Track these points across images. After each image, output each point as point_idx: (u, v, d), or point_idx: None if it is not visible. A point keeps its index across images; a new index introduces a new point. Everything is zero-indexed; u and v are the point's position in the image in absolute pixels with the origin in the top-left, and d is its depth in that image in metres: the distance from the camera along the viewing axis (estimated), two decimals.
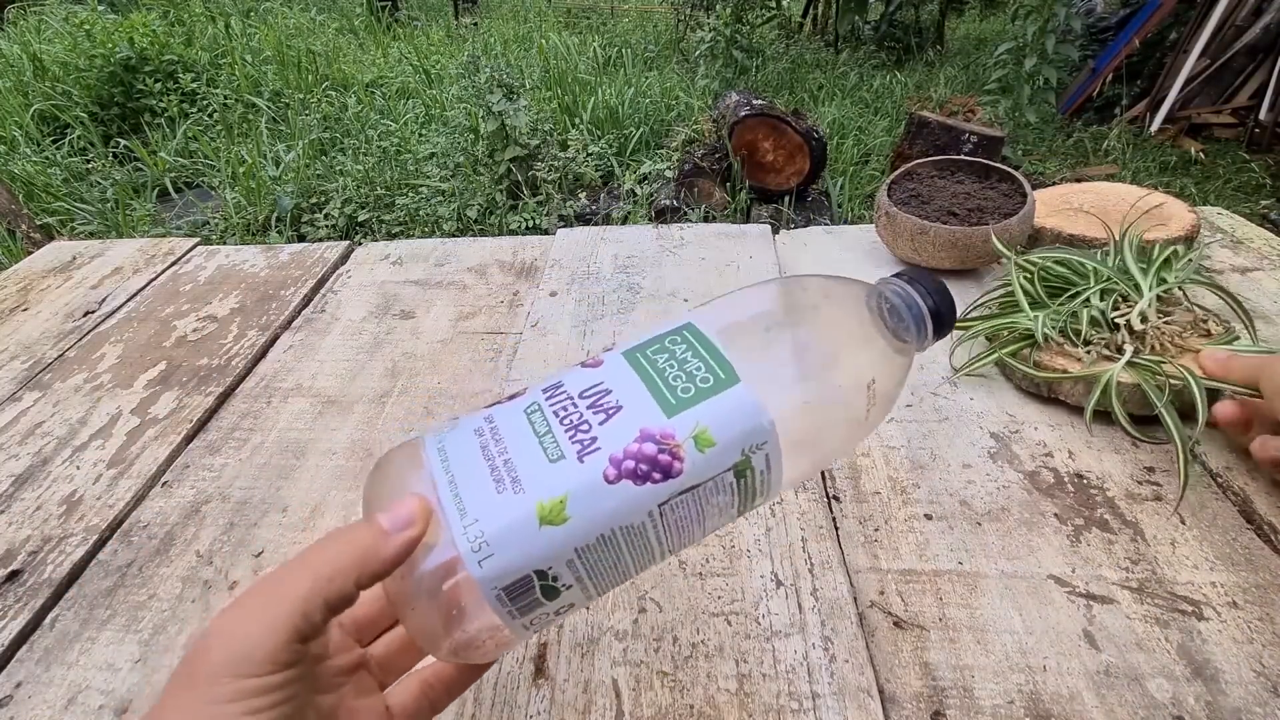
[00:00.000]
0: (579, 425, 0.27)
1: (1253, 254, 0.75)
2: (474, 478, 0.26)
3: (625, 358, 0.30)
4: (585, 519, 0.26)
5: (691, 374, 0.28)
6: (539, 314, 0.71)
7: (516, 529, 0.25)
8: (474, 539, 0.25)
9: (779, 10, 4.42)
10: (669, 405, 0.27)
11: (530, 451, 0.27)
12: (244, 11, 4.51)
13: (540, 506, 0.26)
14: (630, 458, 0.26)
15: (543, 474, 0.26)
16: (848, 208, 2.67)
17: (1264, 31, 3.07)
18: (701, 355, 0.29)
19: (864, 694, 0.37)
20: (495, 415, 0.29)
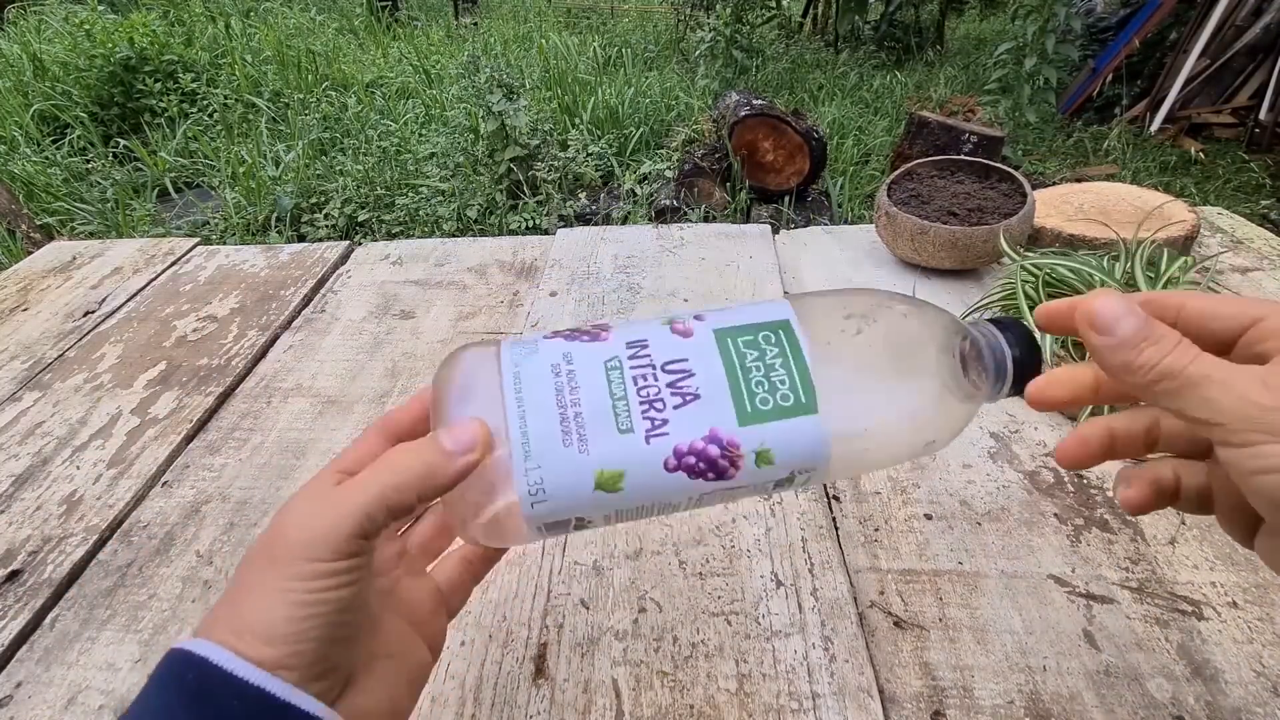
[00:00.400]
0: (654, 401, 0.27)
1: (1253, 254, 0.75)
2: (543, 421, 0.27)
3: (715, 338, 0.29)
4: (635, 492, 0.27)
5: (775, 386, 0.28)
6: (539, 314, 0.71)
7: (573, 487, 0.26)
8: (533, 485, 0.26)
9: (779, 10, 4.42)
10: (744, 414, 0.27)
11: (602, 413, 0.27)
12: (244, 11, 4.51)
13: (599, 474, 0.27)
14: (693, 454, 0.27)
15: (609, 442, 0.27)
16: (848, 208, 2.67)
17: (1264, 31, 3.07)
18: (790, 367, 0.28)
19: (864, 694, 0.37)
20: (574, 355, 0.28)
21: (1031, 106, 2.97)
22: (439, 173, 2.75)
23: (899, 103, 3.59)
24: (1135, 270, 0.57)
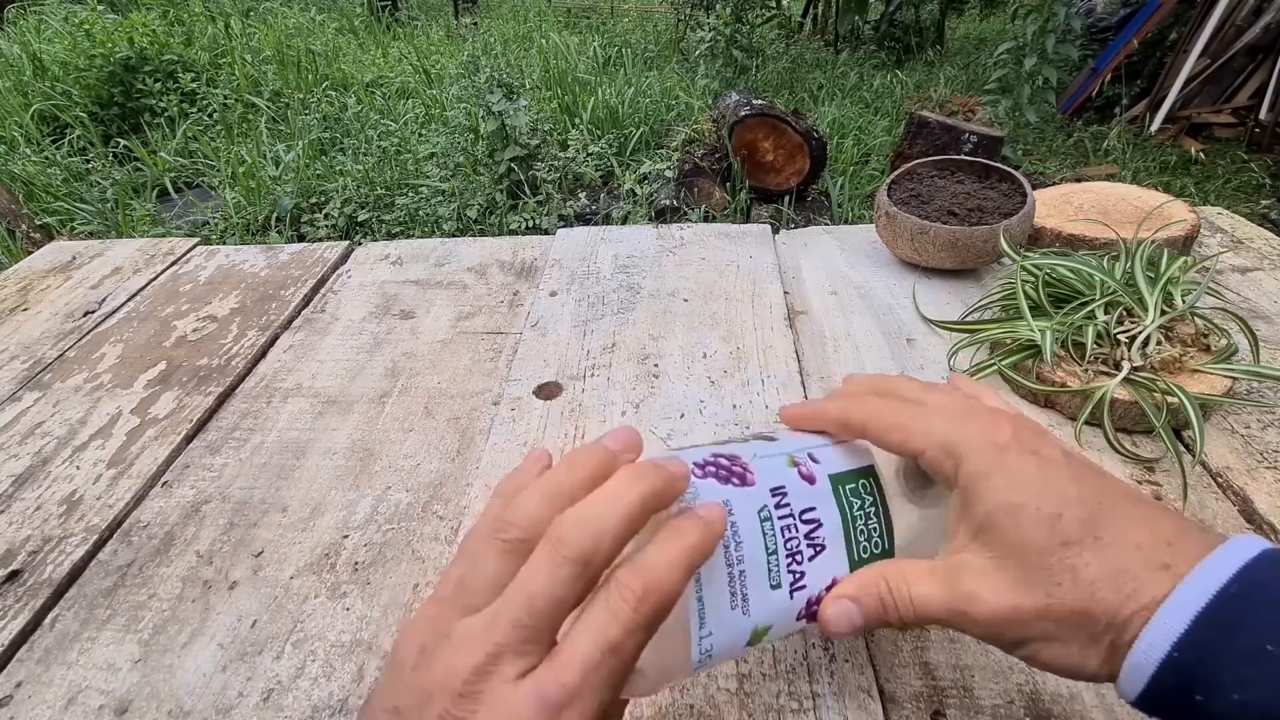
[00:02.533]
0: (795, 554, 0.28)
1: (1253, 254, 0.75)
2: (716, 585, 0.26)
3: (833, 486, 0.30)
4: (771, 639, 0.29)
5: (870, 533, 0.30)
6: (539, 314, 0.71)
7: (732, 647, 0.27)
8: (703, 651, 0.26)
9: (779, 10, 4.42)
10: (853, 561, 0.29)
11: (758, 570, 0.27)
12: (244, 11, 4.51)
13: (755, 632, 0.27)
14: (817, 602, 0.29)
15: (763, 600, 0.27)
16: (848, 208, 2.67)
17: (1264, 31, 3.07)
18: (880, 516, 0.31)
19: (864, 694, 0.37)
20: (734, 504, 0.27)
21: (1031, 106, 2.97)
22: (439, 173, 2.75)
23: (899, 103, 3.59)
24: (1135, 270, 0.57)
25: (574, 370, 0.63)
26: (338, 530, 0.49)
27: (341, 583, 0.46)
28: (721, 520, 0.25)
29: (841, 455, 0.31)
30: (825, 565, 0.29)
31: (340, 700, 0.39)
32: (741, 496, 0.27)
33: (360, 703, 0.39)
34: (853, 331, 0.66)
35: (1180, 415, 0.50)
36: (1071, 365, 0.55)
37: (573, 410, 0.58)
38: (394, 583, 0.45)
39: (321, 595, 0.45)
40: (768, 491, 0.28)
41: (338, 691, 0.39)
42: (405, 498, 0.52)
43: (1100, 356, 0.54)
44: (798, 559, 0.28)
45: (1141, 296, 0.55)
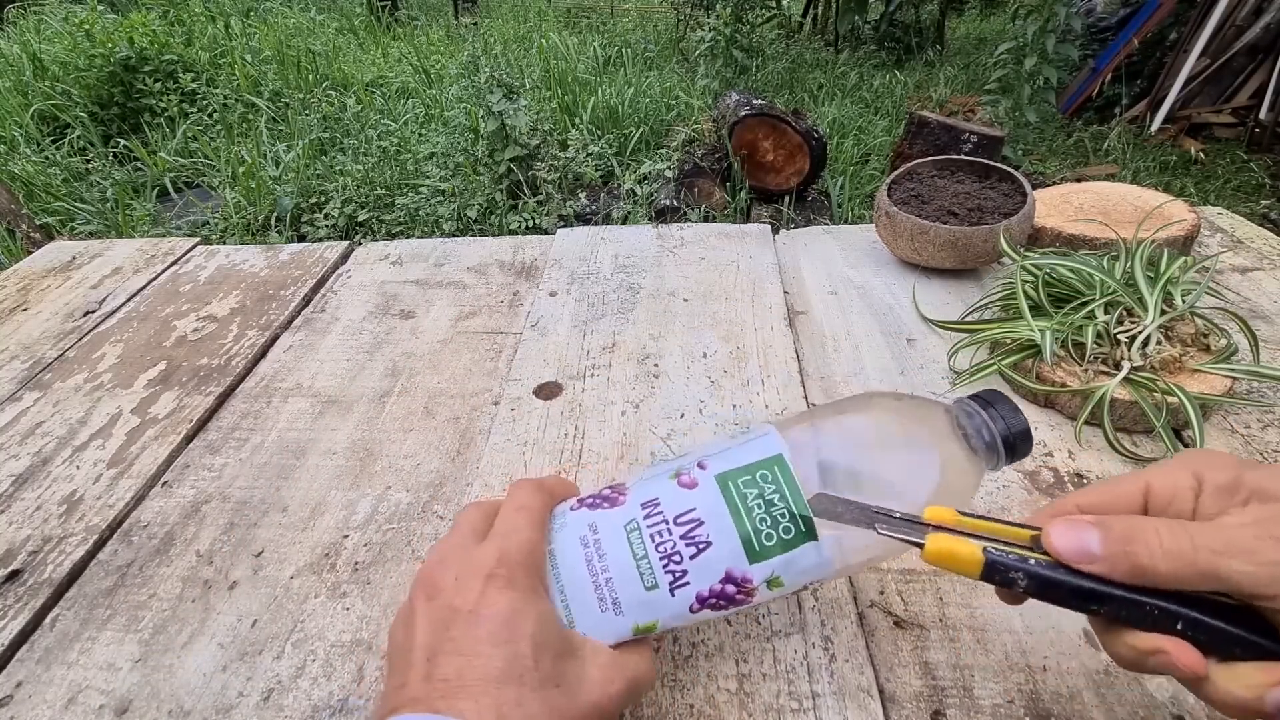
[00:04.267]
0: (672, 555, 0.31)
1: (1253, 254, 0.75)
2: (580, 592, 0.31)
3: (718, 484, 0.32)
4: (667, 629, 0.32)
5: (776, 521, 0.31)
6: (539, 314, 0.71)
7: (617, 638, 0.31)
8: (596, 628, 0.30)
9: (779, 10, 4.42)
10: (753, 553, 0.30)
11: (629, 576, 0.31)
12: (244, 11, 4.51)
13: (636, 628, 0.31)
14: (713, 595, 0.31)
15: (639, 601, 0.31)
16: (848, 207, 2.67)
17: (1264, 31, 3.07)
18: (788, 501, 0.31)
19: (864, 694, 0.37)
20: (599, 524, 0.32)
21: (1031, 106, 2.97)
22: (439, 173, 2.75)
23: (899, 102, 3.59)
24: (1135, 270, 0.57)
25: (574, 370, 0.63)
26: (338, 530, 0.49)
27: (341, 582, 0.46)
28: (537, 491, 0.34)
29: (739, 452, 0.33)
30: (714, 560, 0.30)
31: (340, 700, 0.39)
32: (607, 517, 0.32)
33: (361, 703, 0.39)
34: (853, 331, 0.66)
35: (1180, 415, 0.50)
36: (1071, 365, 0.55)
37: (573, 410, 0.58)
38: (394, 583, 0.45)
39: (321, 595, 0.45)
40: (638, 506, 0.32)
41: (338, 691, 0.39)
42: (405, 498, 0.52)
43: (1100, 356, 0.54)
44: (675, 559, 0.30)
45: (1141, 296, 0.55)
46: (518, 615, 0.28)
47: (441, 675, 0.27)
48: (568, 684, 0.28)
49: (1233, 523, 0.23)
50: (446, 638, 0.28)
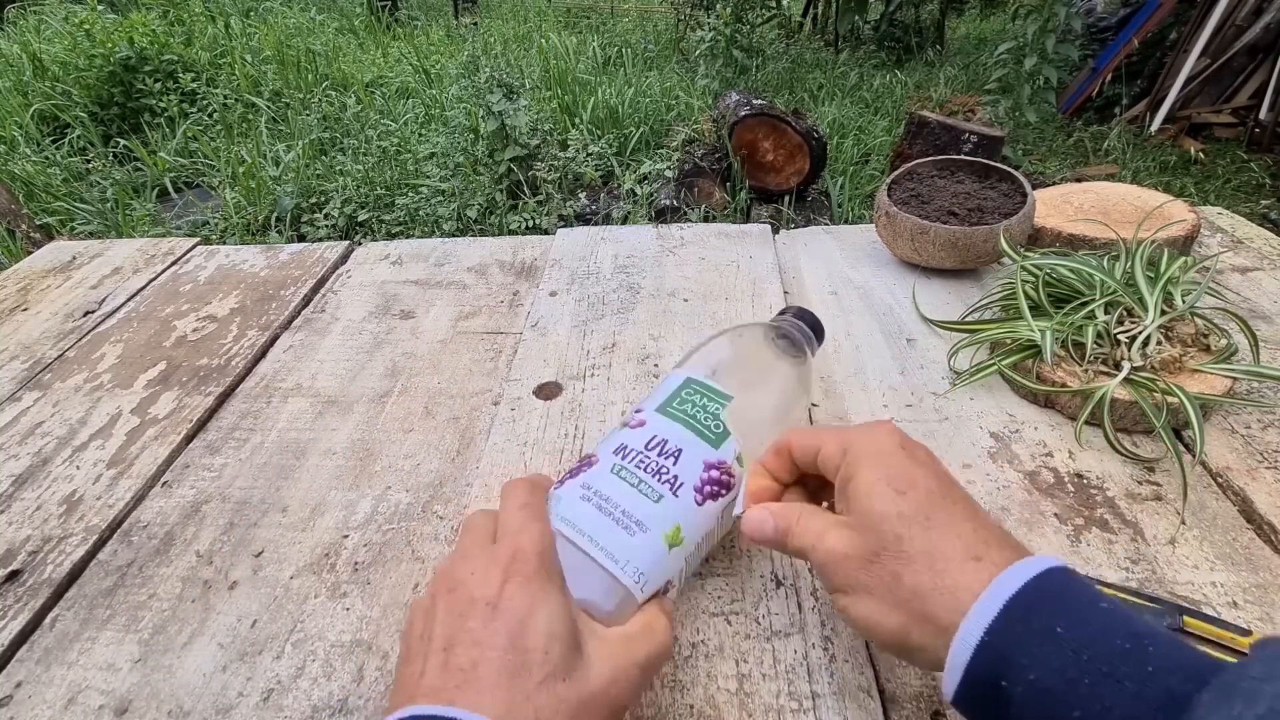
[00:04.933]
0: (659, 470, 0.36)
1: (1253, 254, 0.75)
2: (605, 530, 0.34)
3: (661, 413, 0.39)
4: (691, 535, 0.36)
5: (707, 413, 0.39)
6: (539, 314, 0.71)
7: (656, 556, 0.34)
8: (635, 575, 0.33)
9: (779, 10, 4.42)
10: (712, 440, 0.38)
11: (636, 500, 0.35)
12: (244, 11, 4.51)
13: (665, 536, 0.35)
14: (706, 484, 0.37)
15: (654, 514, 0.35)
16: (848, 207, 2.67)
17: (1264, 31, 3.07)
18: (711, 398, 0.40)
19: (864, 694, 0.37)
20: (589, 482, 0.36)
21: (1031, 106, 2.97)
22: (439, 173, 2.75)
23: (899, 103, 3.59)
24: (1135, 270, 0.57)
25: (574, 370, 0.63)
26: (338, 530, 0.49)
27: (341, 583, 0.46)
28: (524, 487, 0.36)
29: (660, 392, 0.41)
30: (690, 458, 0.37)
31: (340, 700, 0.39)
32: (594, 474, 0.37)
33: (361, 703, 0.39)
34: (853, 331, 0.66)
35: (1180, 415, 0.50)
36: (1071, 365, 0.55)
37: (573, 410, 0.58)
38: (394, 583, 0.45)
39: (321, 595, 0.45)
40: (610, 453, 0.38)
41: (338, 691, 0.39)
42: (405, 498, 0.52)
43: (1100, 356, 0.54)
44: (663, 471, 0.36)
45: (1141, 296, 0.55)
46: (535, 607, 0.29)
47: (458, 664, 0.27)
48: (576, 675, 0.29)
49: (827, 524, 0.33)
50: (464, 628, 0.29)
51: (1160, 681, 0.23)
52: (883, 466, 0.32)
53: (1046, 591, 0.27)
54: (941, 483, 0.32)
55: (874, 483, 0.31)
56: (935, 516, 0.30)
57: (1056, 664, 0.24)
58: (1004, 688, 0.25)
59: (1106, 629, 0.25)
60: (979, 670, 0.26)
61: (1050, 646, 0.25)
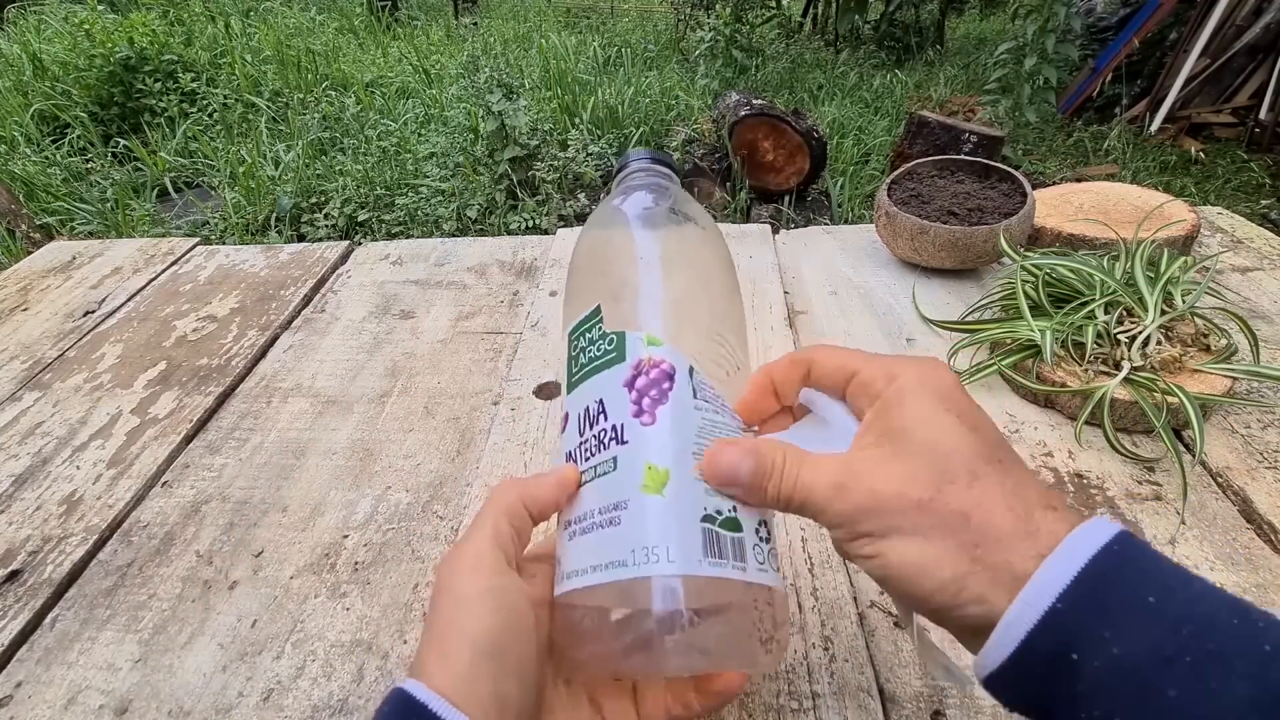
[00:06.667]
0: (599, 437, 0.30)
1: (1253, 254, 0.75)
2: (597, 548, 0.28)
3: (567, 394, 0.33)
4: (674, 456, 0.28)
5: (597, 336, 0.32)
6: (539, 314, 0.71)
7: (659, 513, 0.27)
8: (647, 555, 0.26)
9: (779, 10, 4.42)
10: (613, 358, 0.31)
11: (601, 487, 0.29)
12: (244, 11, 4.51)
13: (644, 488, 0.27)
14: (639, 399, 0.29)
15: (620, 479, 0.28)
16: (848, 207, 2.67)
17: (1264, 31, 3.07)
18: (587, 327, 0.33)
19: (864, 694, 0.37)
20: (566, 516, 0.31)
21: (1031, 106, 2.96)
22: (439, 173, 2.75)
23: (899, 102, 3.59)
24: (1135, 270, 0.57)
25: None
26: (338, 530, 0.49)
27: (341, 583, 0.46)
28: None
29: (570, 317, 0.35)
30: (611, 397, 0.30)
31: (340, 700, 0.39)
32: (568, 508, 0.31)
33: (361, 703, 0.39)
34: (853, 331, 0.66)
35: (1180, 415, 0.50)
36: (1071, 365, 0.55)
37: None
38: (394, 583, 0.45)
39: (321, 595, 0.45)
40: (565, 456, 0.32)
41: (338, 691, 0.39)
42: (405, 498, 0.52)
43: (1100, 356, 0.54)
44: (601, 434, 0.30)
45: (1141, 296, 0.55)
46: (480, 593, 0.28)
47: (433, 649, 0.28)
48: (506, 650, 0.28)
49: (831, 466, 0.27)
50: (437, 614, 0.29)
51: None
52: (951, 399, 0.27)
53: (1129, 556, 0.23)
54: (998, 430, 0.28)
55: (939, 413, 0.26)
56: (1006, 460, 0.26)
57: (1150, 639, 0.21)
58: (1075, 662, 0.22)
59: (1208, 600, 0.22)
60: (1042, 640, 0.22)
61: (1142, 617, 0.21)
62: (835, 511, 0.27)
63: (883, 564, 0.26)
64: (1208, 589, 0.22)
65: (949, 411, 0.27)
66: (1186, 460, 0.50)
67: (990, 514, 0.24)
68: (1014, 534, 0.24)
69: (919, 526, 0.25)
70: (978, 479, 0.25)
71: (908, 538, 0.25)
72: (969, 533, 0.24)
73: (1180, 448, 0.49)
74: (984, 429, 0.27)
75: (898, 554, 0.25)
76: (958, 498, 0.25)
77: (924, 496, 0.25)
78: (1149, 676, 0.21)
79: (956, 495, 0.25)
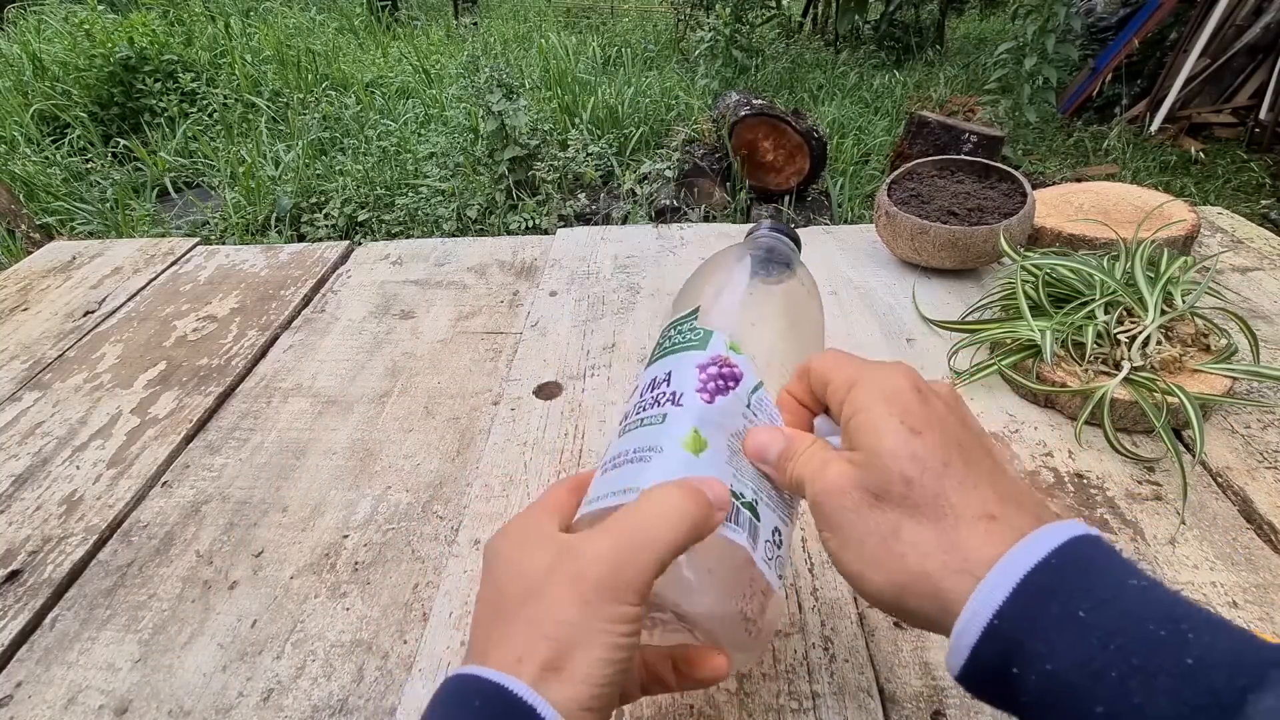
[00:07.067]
0: (657, 399, 0.32)
1: (1253, 254, 0.75)
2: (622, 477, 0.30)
3: (646, 367, 0.36)
4: (717, 434, 0.31)
5: (689, 328, 0.35)
6: (539, 314, 0.71)
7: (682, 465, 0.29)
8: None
9: (779, 10, 4.42)
10: (696, 344, 0.34)
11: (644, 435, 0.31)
12: (244, 11, 4.51)
13: (684, 443, 0.30)
14: (707, 381, 0.32)
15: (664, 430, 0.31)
16: (848, 207, 2.66)
17: (1264, 31, 3.07)
18: (683, 321, 0.36)
19: (864, 694, 0.37)
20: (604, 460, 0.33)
21: (1031, 106, 2.96)
22: (439, 173, 2.75)
23: (899, 102, 3.59)
24: (1135, 270, 0.57)
25: (574, 370, 0.63)
26: (338, 530, 0.49)
27: (341, 583, 0.46)
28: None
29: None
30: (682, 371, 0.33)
31: (340, 700, 0.39)
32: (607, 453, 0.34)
33: (361, 703, 0.39)
34: (853, 331, 0.66)
35: (1180, 415, 0.50)
36: (1071, 365, 0.55)
37: (573, 410, 0.58)
38: (394, 583, 0.45)
39: (321, 595, 0.45)
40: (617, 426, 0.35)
41: (338, 691, 0.39)
42: (405, 498, 0.52)
43: (1100, 356, 0.54)
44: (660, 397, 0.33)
45: (1141, 296, 0.55)
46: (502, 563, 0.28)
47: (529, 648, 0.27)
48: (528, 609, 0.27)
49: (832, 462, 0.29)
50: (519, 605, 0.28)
51: (1203, 679, 0.20)
52: (897, 403, 0.28)
53: (1070, 565, 0.23)
54: (965, 429, 0.28)
55: (885, 418, 0.27)
56: (953, 464, 0.26)
57: (1078, 654, 0.21)
58: (1015, 675, 0.22)
59: (1139, 612, 0.22)
60: (987, 655, 0.23)
61: (1072, 633, 0.22)
62: (811, 496, 0.28)
63: (837, 563, 0.27)
64: (1146, 596, 0.22)
65: (892, 415, 0.27)
66: (1186, 460, 0.50)
67: (919, 528, 0.25)
68: (941, 547, 0.25)
69: (862, 532, 0.26)
70: (911, 487, 0.25)
71: (854, 543, 0.26)
72: (899, 545, 0.25)
73: (1180, 448, 0.49)
74: (931, 433, 0.27)
75: (846, 556, 0.27)
76: (892, 509, 0.26)
77: (866, 501, 0.26)
78: (1080, 693, 0.21)
79: (891, 506, 0.26)
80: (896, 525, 0.25)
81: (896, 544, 0.25)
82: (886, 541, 0.25)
